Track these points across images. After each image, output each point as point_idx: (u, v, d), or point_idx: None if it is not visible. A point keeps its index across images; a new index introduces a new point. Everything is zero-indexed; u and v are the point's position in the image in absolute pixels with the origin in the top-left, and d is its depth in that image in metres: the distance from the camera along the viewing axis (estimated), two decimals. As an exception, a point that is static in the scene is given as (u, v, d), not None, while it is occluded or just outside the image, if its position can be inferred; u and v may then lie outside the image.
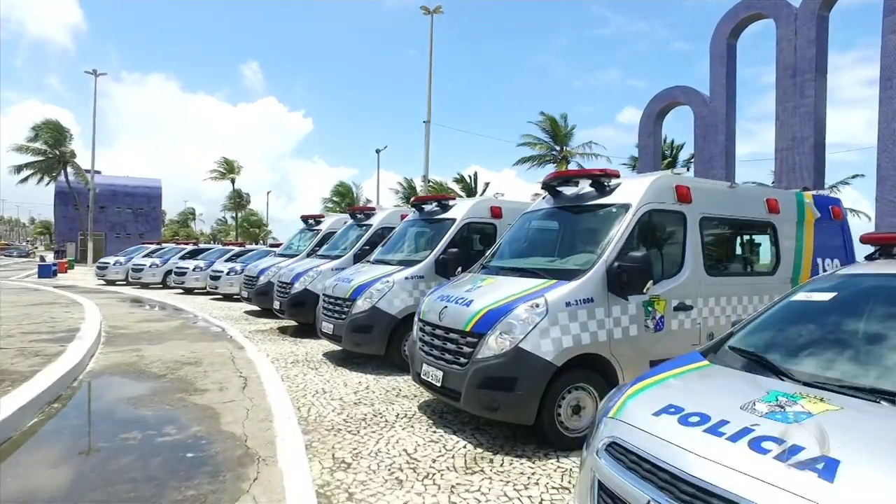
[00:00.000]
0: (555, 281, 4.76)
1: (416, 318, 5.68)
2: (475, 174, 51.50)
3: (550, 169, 34.16)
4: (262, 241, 54.70)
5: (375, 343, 7.07)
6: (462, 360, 4.67)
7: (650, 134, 24.63)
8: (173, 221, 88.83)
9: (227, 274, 16.01)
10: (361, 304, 7.16)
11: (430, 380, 4.96)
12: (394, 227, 10.49)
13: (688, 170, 5.85)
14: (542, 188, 6.25)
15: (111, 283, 21.30)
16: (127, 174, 58.96)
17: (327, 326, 7.60)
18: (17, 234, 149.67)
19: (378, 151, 43.68)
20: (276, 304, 10.33)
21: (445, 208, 8.26)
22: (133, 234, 52.40)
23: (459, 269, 7.46)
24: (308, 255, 12.47)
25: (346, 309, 7.35)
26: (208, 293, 17.03)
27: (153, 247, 22.86)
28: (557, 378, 4.45)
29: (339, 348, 7.76)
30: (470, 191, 40.76)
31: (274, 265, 12.66)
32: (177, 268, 18.78)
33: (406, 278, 7.27)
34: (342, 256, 10.25)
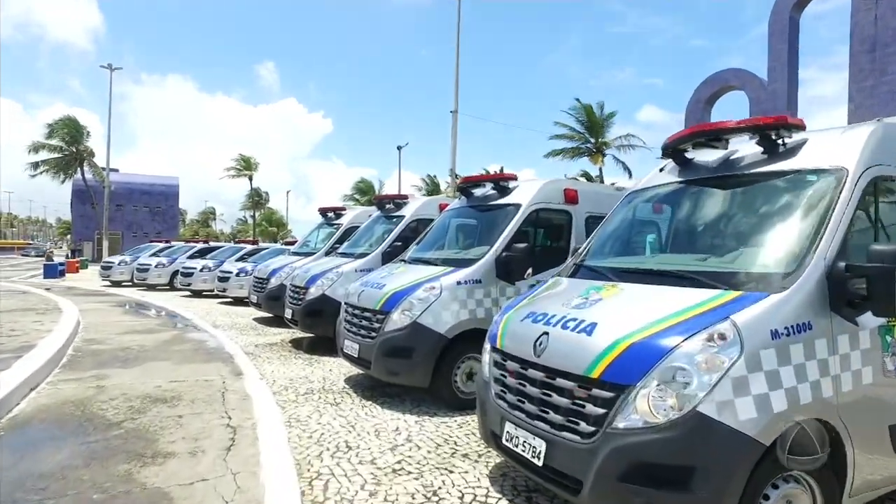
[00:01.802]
0: (736, 294, 2.81)
1: (486, 348, 3.78)
2: (501, 170, 49.68)
3: (583, 163, 32.06)
4: (279, 241, 53.44)
5: (418, 372, 5.18)
6: (585, 425, 2.75)
7: (698, 121, 22.36)
8: (194, 221, 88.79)
9: (237, 275, 14.30)
10: (398, 319, 5.27)
11: (523, 453, 3.05)
12: (431, 219, 8.62)
13: None
14: (664, 155, 4.28)
15: (117, 284, 19.77)
16: (145, 173, 58.19)
17: (351, 346, 5.72)
18: (45, 234, 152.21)
19: (399, 148, 42.17)
20: (288, 313, 8.52)
21: (504, 191, 6.33)
22: (150, 233, 51.39)
23: (529, 270, 5.55)
24: (327, 254, 10.68)
25: (376, 324, 5.47)
26: (217, 296, 15.33)
27: (161, 245, 21.31)
28: (762, 462, 2.51)
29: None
30: (496, 187, 38.75)
31: (287, 265, 10.90)
32: (183, 268, 17.13)
33: (458, 283, 5.36)
34: (368, 255, 8.39)
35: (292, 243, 15.68)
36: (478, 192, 6.77)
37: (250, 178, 54.60)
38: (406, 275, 5.80)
